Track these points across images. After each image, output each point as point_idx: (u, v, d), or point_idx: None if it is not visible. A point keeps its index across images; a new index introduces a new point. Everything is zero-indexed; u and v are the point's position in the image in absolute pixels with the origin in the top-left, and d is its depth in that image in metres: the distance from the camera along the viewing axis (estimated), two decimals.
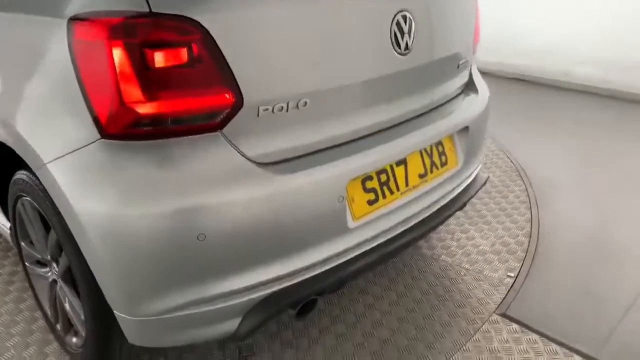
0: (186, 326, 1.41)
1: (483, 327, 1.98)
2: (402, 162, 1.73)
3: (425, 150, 1.81)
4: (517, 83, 5.48)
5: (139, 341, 1.45)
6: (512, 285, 2.22)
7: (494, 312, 2.06)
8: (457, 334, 1.95)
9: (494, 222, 2.73)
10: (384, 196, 1.67)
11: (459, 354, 1.85)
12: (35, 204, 1.56)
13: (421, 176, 1.80)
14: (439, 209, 1.90)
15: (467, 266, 2.35)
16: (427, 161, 1.82)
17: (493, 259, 2.41)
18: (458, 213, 2.80)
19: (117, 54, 1.19)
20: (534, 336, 1.92)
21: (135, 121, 1.23)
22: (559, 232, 2.66)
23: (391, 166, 1.69)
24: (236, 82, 1.31)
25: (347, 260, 1.59)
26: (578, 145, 3.80)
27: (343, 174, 1.51)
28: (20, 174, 1.59)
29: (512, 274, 2.29)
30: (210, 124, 1.30)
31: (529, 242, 2.55)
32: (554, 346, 1.87)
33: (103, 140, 1.26)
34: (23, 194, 1.63)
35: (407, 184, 1.74)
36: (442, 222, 1.93)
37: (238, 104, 1.32)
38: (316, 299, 1.57)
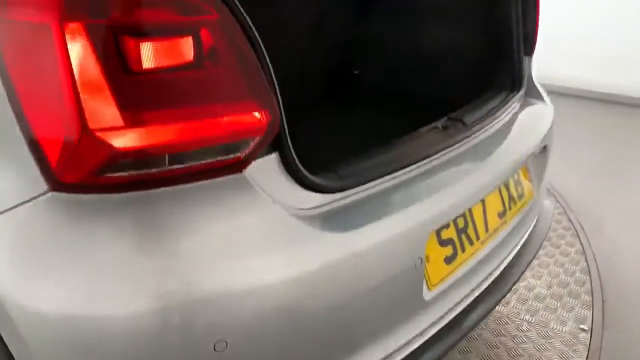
0: None
1: None
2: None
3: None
4: None
5: None
6: (590, 343, 1.78)
7: None
8: None
9: (541, 255, 2.29)
10: (463, 249, 1.20)
11: None
12: None
13: (500, 215, 1.34)
14: (517, 255, 1.45)
15: (527, 317, 1.90)
16: (505, 194, 1.37)
17: (555, 306, 1.96)
18: None
19: (76, 45, 0.69)
20: None
21: (108, 161, 0.73)
22: (620, 263, 2.23)
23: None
24: (273, 92, 0.82)
25: (419, 347, 1.12)
26: (600, 159, 3.43)
27: (424, 224, 1.03)
28: None
29: (586, 327, 1.85)
30: (231, 160, 0.81)
31: (591, 280, 2.11)
32: None
33: (55, 193, 0.75)
34: None
35: (487, 229, 1.28)
36: (524, 271, 1.47)
37: (273, 125, 0.83)
38: None
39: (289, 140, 0.87)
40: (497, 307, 1.92)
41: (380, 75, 2.07)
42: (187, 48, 0.74)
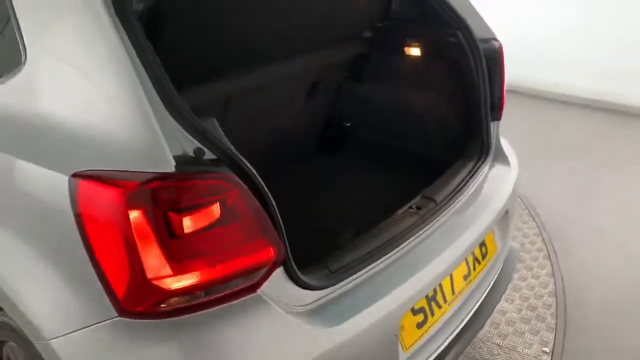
0: None
1: None
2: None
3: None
4: (512, 95, 5.31)
5: None
6: None
7: None
8: None
9: (515, 278, 2.58)
10: (433, 313, 1.48)
11: None
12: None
13: (465, 277, 1.62)
14: (484, 301, 1.73)
15: (498, 341, 2.20)
16: (470, 258, 1.64)
17: (524, 329, 2.26)
18: None
19: (137, 222, 0.96)
20: None
21: (161, 299, 1.00)
22: (585, 285, 2.52)
23: None
24: (279, 230, 1.09)
25: None
26: (580, 171, 3.68)
27: (402, 306, 1.31)
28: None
29: (548, 349, 2.15)
30: (248, 285, 1.08)
31: (556, 303, 2.41)
32: None
33: (121, 318, 1.03)
34: (9, 340, 1.37)
35: (453, 292, 1.56)
36: (489, 316, 1.76)
37: (280, 254, 1.11)
38: None
39: (291, 259, 1.14)
40: None
41: (367, 128, 2.34)
42: (215, 211, 1.01)
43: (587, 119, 4.62)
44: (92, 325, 1.04)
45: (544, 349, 2.15)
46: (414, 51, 2.06)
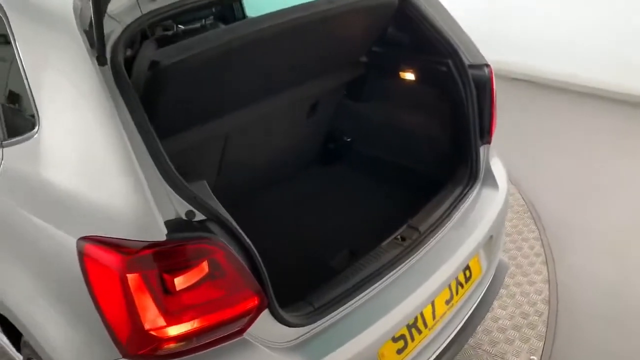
0: None
1: None
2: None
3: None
4: (519, 84, 5.29)
5: None
6: None
7: None
8: None
9: (511, 284, 2.68)
10: (413, 339, 1.60)
11: None
12: None
13: (447, 302, 1.73)
14: (468, 320, 1.84)
15: (488, 348, 2.32)
16: (453, 283, 1.75)
17: (514, 337, 2.37)
18: None
19: (134, 284, 1.10)
20: None
21: (157, 345, 1.15)
22: (578, 293, 2.61)
23: None
24: (263, 280, 1.23)
25: None
26: (586, 169, 3.70)
27: (377, 340, 1.44)
28: None
29: (536, 358, 2.26)
30: (235, 331, 1.22)
31: (549, 311, 2.51)
32: None
33: (124, 359, 1.19)
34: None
35: (434, 317, 1.68)
36: (473, 331, 1.87)
37: (263, 302, 1.24)
38: None
39: (275, 302, 1.28)
40: None
41: (365, 143, 2.44)
42: (203, 269, 1.14)
43: (595, 111, 4.54)
44: None
45: (531, 357, 2.26)
46: (408, 75, 2.14)
